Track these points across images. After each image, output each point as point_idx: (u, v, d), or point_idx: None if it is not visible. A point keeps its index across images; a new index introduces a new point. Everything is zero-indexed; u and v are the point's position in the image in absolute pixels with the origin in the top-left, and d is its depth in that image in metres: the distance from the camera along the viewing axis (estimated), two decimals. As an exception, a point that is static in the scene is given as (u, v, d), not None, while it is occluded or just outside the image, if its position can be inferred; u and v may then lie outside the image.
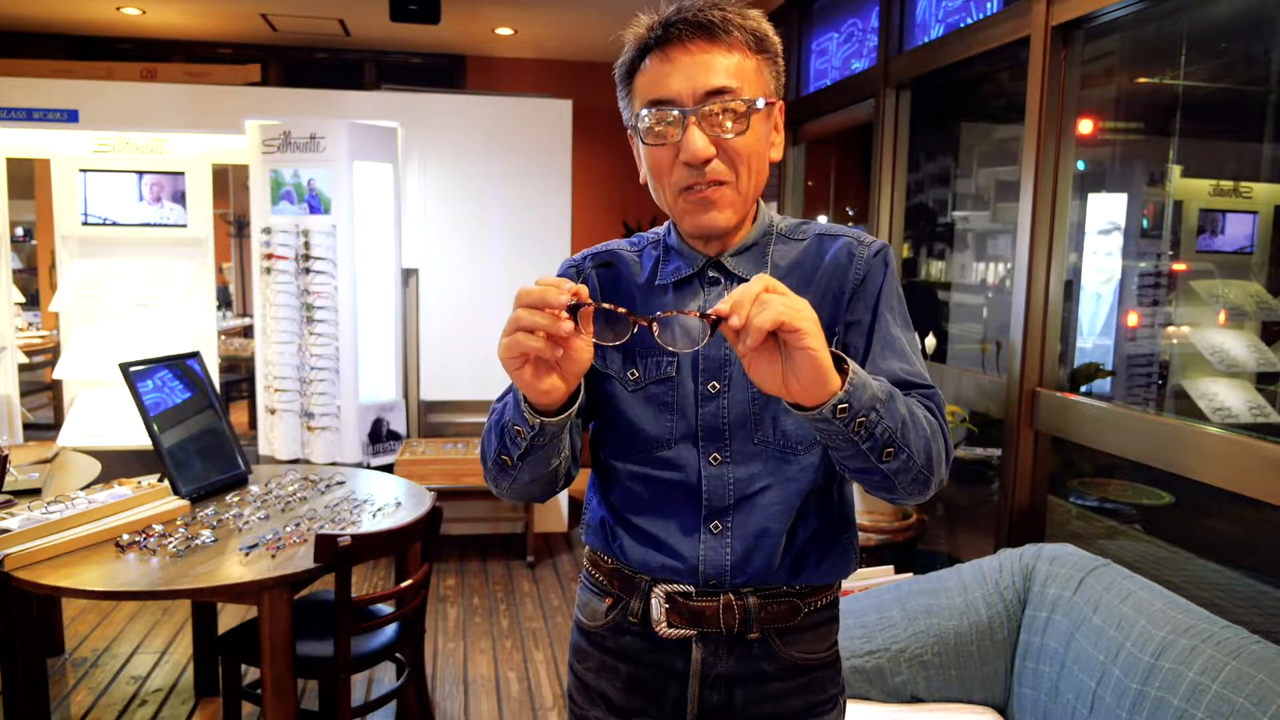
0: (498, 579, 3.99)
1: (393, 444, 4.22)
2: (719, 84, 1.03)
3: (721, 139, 1.04)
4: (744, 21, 1.06)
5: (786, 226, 1.18)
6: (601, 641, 1.19)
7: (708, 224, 1.08)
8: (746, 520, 1.10)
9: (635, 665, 1.16)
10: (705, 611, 1.11)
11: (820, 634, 1.17)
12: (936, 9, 3.22)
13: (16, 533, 2.02)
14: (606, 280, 1.18)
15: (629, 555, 1.14)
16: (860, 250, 1.13)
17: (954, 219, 3.96)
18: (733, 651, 1.12)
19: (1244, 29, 2.53)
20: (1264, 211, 2.78)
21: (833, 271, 1.13)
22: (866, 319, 1.11)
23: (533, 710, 2.89)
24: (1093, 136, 2.75)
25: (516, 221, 4.42)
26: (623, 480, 1.15)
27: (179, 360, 2.60)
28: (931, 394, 1.08)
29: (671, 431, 1.11)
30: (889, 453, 0.95)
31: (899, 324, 1.12)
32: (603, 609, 1.18)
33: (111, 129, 4.27)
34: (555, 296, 0.88)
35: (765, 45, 1.09)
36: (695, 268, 1.13)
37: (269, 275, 4.03)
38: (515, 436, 1.01)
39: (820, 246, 1.15)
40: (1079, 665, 1.75)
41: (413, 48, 6.46)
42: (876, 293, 1.12)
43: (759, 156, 1.08)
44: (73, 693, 2.91)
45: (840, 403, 0.89)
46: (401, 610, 2.31)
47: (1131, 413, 2.18)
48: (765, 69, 1.09)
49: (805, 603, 1.14)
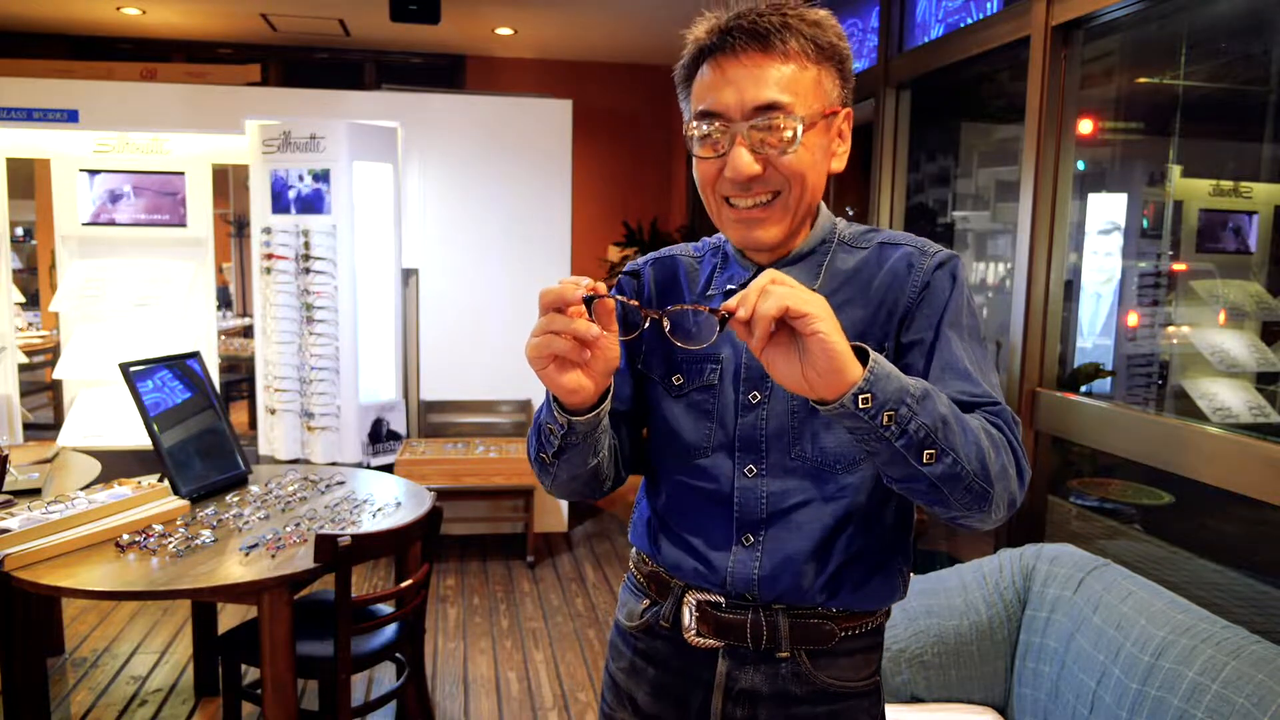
0: (498, 579, 3.99)
1: (393, 444, 4.22)
2: (769, 99, 0.99)
3: (770, 156, 1.00)
4: (806, 28, 1.00)
5: (851, 234, 1.13)
6: (634, 643, 1.19)
7: (751, 241, 1.06)
8: (779, 536, 1.07)
9: (663, 670, 1.15)
10: (734, 624, 1.09)
11: (858, 661, 1.12)
12: (936, 9, 3.22)
13: (16, 533, 2.02)
14: (664, 284, 1.17)
15: (665, 559, 1.14)
16: (921, 261, 1.07)
17: (954, 219, 3.96)
18: (760, 668, 1.10)
19: (1244, 29, 2.53)
20: (1264, 211, 2.78)
21: (889, 283, 1.07)
22: (928, 337, 1.05)
23: (533, 710, 2.89)
24: (1093, 136, 2.75)
25: (516, 221, 4.42)
26: (665, 485, 1.15)
27: (179, 360, 2.60)
28: (999, 410, 1.01)
29: (709, 439, 1.10)
30: (930, 455, 0.89)
31: (965, 342, 1.05)
32: (639, 610, 1.18)
33: (111, 129, 4.27)
34: (572, 292, 0.89)
35: (829, 53, 1.02)
36: (749, 276, 1.10)
37: (269, 275, 4.04)
38: (549, 435, 1.03)
39: (880, 256, 1.09)
40: (1079, 665, 1.75)
41: (413, 48, 6.46)
42: (941, 309, 1.05)
43: (812, 172, 1.03)
44: (73, 693, 2.91)
45: (861, 392, 0.85)
46: (401, 610, 2.31)
47: (1131, 413, 2.18)
48: (828, 78, 1.03)
49: (842, 627, 1.09)
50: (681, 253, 1.19)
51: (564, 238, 4.45)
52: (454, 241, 4.40)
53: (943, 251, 1.08)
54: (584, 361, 0.93)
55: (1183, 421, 2.03)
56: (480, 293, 4.43)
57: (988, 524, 0.98)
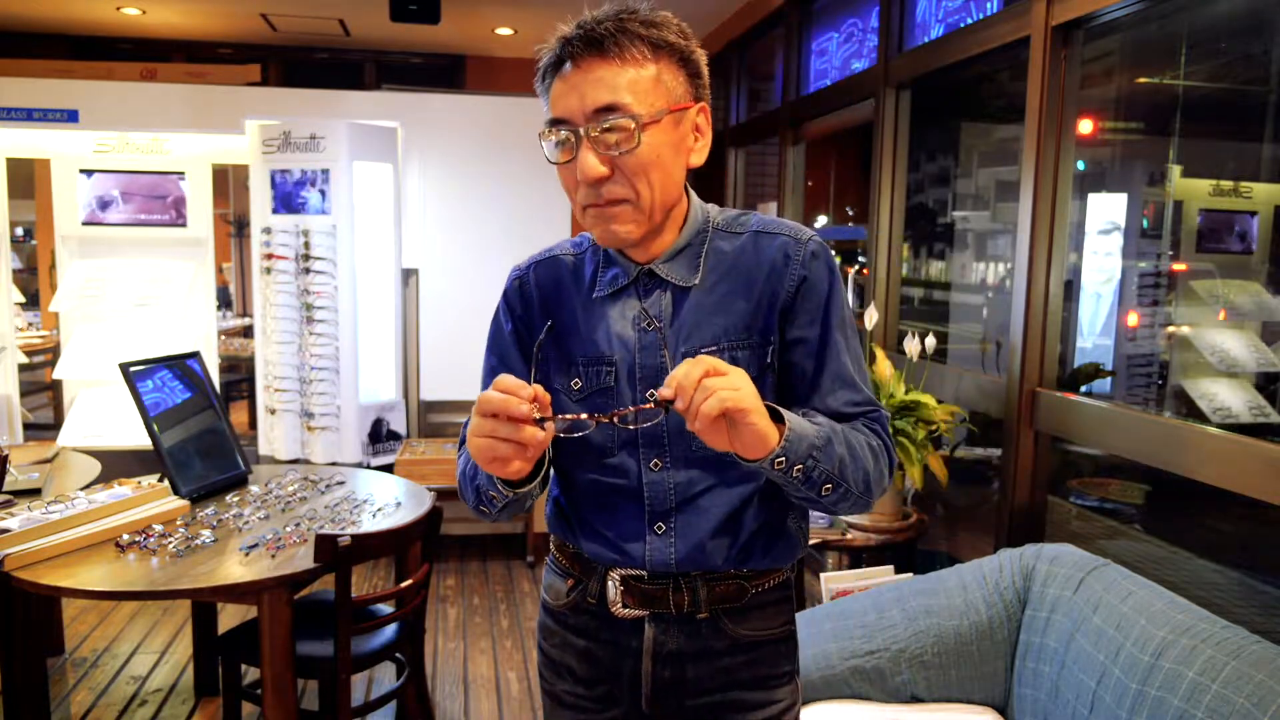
0: (498, 579, 3.99)
1: (393, 444, 4.22)
2: (606, 100, 1.02)
3: (614, 157, 1.04)
4: (641, 29, 1.04)
5: (724, 220, 1.18)
6: (564, 620, 1.24)
7: (610, 238, 1.10)
8: (690, 522, 1.14)
9: (593, 641, 1.21)
10: (656, 594, 1.15)
11: (769, 613, 1.20)
12: (936, 9, 3.22)
13: (16, 533, 2.02)
14: (549, 289, 1.20)
15: (585, 548, 1.20)
16: (797, 252, 1.13)
17: (954, 219, 3.96)
18: (683, 630, 1.17)
19: (1244, 29, 2.53)
20: (1264, 211, 2.78)
21: (769, 275, 1.12)
22: (813, 336, 1.12)
23: (532, 710, 2.89)
24: (1093, 136, 2.75)
25: (516, 221, 4.42)
26: (577, 482, 1.20)
27: (179, 360, 2.60)
28: (876, 415, 1.13)
29: (614, 439, 1.15)
30: (826, 489, 1.04)
31: (848, 341, 1.13)
32: (564, 589, 1.24)
33: (111, 129, 4.27)
34: (516, 408, 0.93)
35: (670, 50, 1.06)
36: (630, 276, 1.14)
37: (269, 275, 4.04)
38: (490, 500, 1.12)
39: (757, 245, 1.14)
40: (1079, 665, 1.75)
41: (413, 48, 6.46)
42: (823, 306, 1.12)
43: (660, 168, 1.06)
44: (73, 693, 2.91)
45: (777, 457, 0.97)
46: (401, 610, 2.31)
47: (1131, 413, 2.18)
48: (670, 75, 1.06)
49: (752, 585, 1.18)
50: (563, 252, 1.23)
51: (563, 238, 4.44)
52: (454, 241, 4.40)
53: (814, 239, 1.14)
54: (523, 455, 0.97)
55: (1183, 421, 2.03)
56: (480, 293, 4.43)
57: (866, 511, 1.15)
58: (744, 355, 1.11)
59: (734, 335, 1.12)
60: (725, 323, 1.12)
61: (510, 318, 1.23)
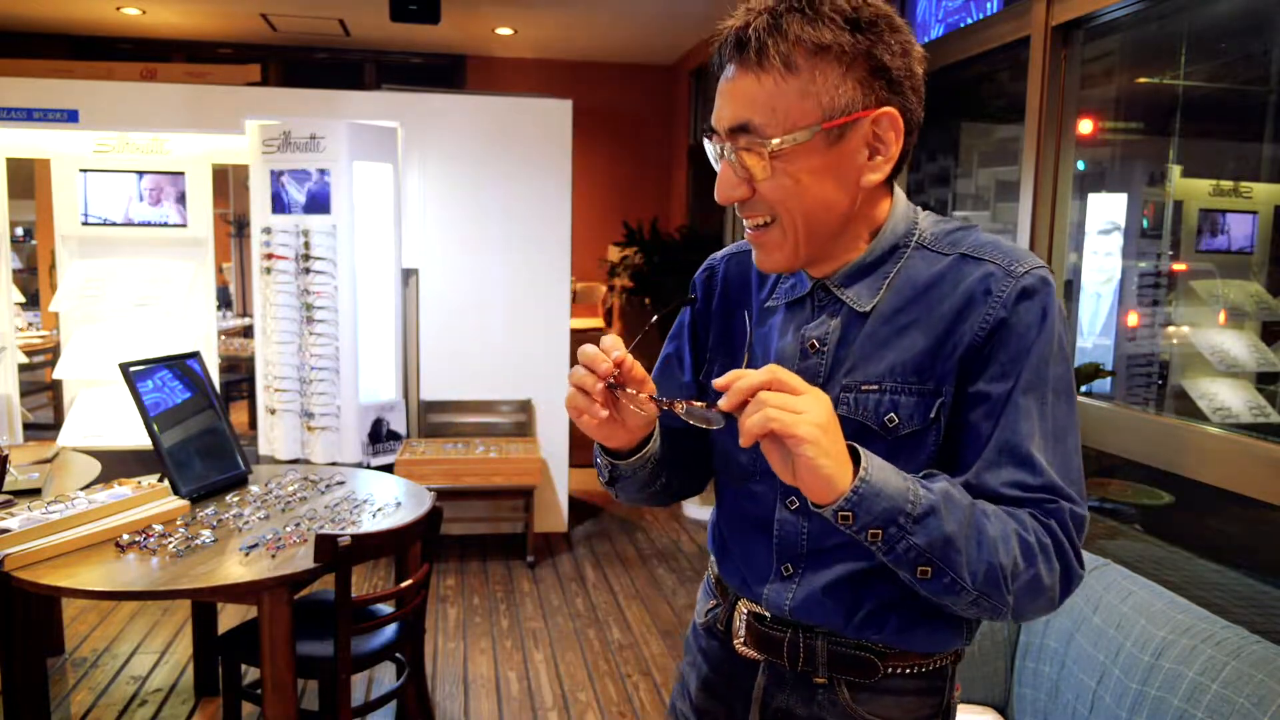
0: (498, 579, 3.99)
1: (393, 444, 4.22)
2: (738, 119, 0.90)
3: (750, 180, 0.93)
4: (798, 28, 0.88)
5: (933, 236, 0.99)
6: (699, 639, 1.20)
7: (759, 263, 1.00)
8: (818, 573, 1.03)
9: (714, 671, 1.16)
10: (774, 640, 1.07)
11: (907, 703, 1.04)
12: (936, 9, 3.22)
13: (16, 533, 2.02)
14: (736, 286, 1.13)
15: (722, 570, 1.15)
16: (1003, 288, 0.91)
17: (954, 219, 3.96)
18: (797, 689, 1.07)
19: (1244, 29, 2.53)
20: (1264, 211, 2.78)
21: (960, 309, 0.93)
22: (998, 393, 0.91)
23: (533, 710, 2.89)
24: (1093, 136, 2.75)
25: (516, 221, 4.42)
26: (724, 499, 1.15)
27: (179, 360, 2.60)
28: (1055, 510, 0.89)
29: (756, 464, 1.05)
30: (923, 571, 0.86)
31: (1043, 409, 0.91)
32: (706, 609, 1.19)
33: (111, 129, 4.27)
34: (599, 367, 0.89)
35: (831, 52, 0.88)
36: (806, 289, 1.02)
37: (269, 275, 4.04)
38: (600, 467, 1.08)
39: (959, 271, 0.94)
40: (1079, 665, 1.76)
41: (413, 48, 6.46)
42: (1021, 357, 0.90)
43: (806, 197, 0.92)
44: (73, 693, 2.91)
45: (841, 510, 0.83)
46: (401, 610, 2.31)
47: (1132, 413, 2.18)
48: (831, 80, 0.88)
49: (889, 663, 1.02)
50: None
51: (564, 238, 4.45)
52: (454, 241, 4.40)
53: (1033, 273, 0.91)
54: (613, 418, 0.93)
55: (1183, 421, 2.04)
56: (480, 293, 4.43)
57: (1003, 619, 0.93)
58: (907, 402, 0.94)
59: (901, 376, 0.95)
60: (896, 359, 0.95)
61: (691, 309, 1.16)
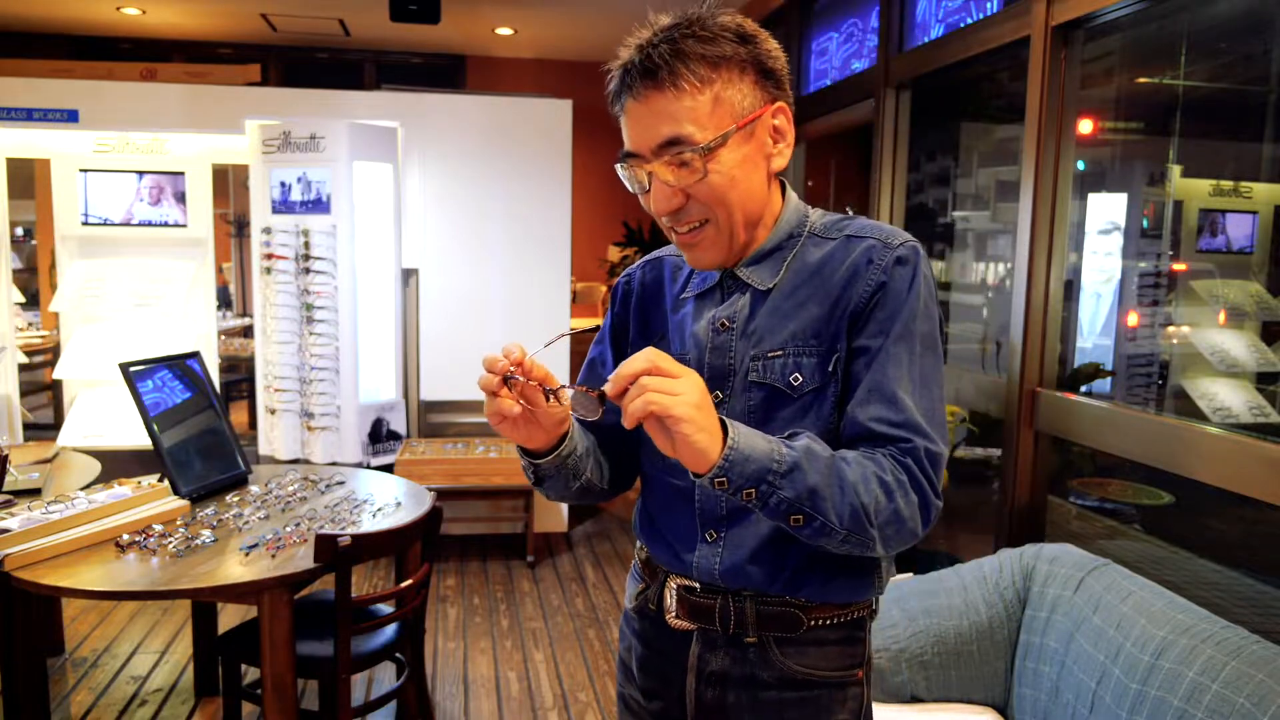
0: (498, 579, 3.99)
1: (393, 444, 4.22)
2: (666, 135, 1.00)
3: (685, 187, 1.03)
4: (698, 48, 0.99)
5: (823, 225, 1.12)
6: (632, 624, 1.25)
7: (695, 263, 1.12)
8: (740, 534, 1.10)
9: (651, 650, 1.21)
10: (705, 608, 1.13)
11: (830, 652, 1.12)
12: (936, 9, 3.22)
13: (16, 533, 2.02)
14: (650, 289, 1.23)
15: (651, 548, 1.21)
16: (882, 256, 1.04)
17: (954, 219, 3.96)
18: (730, 651, 1.13)
19: (1244, 29, 2.53)
20: (1264, 211, 2.78)
21: (848, 278, 1.05)
22: (875, 345, 1.03)
23: (533, 710, 2.89)
24: (1093, 136, 2.75)
25: (516, 221, 4.42)
26: (650, 481, 1.22)
27: (179, 360, 2.60)
28: (911, 447, 1.00)
29: None
30: (795, 519, 0.95)
31: (908, 357, 1.03)
32: (636, 593, 1.24)
33: (111, 129, 4.27)
34: (496, 366, 0.96)
35: (732, 63, 1.01)
36: (716, 278, 1.14)
37: (269, 275, 4.04)
38: (524, 468, 1.12)
39: (846, 249, 1.08)
40: (1079, 665, 1.75)
41: (413, 48, 6.46)
42: (895, 313, 1.03)
43: (737, 188, 1.04)
44: (73, 693, 2.91)
45: (716, 476, 0.92)
46: (401, 610, 2.31)
47: (1131, 413, 2.18)
48: (734, 88, 1.01)
49: (811, 616, 1.10)
50: (670, 253, 1.24)
51: (564, 238, 4.45)
52: (454, 241, 4.40)
53: (905, 245, 1.05)
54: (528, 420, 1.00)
55: (1183, 422, 2.03)
56: (480, 293, 4.43)
57: (875, 554, 1.03)
58: (809, 362, 1.06)
59: (802, 341, 1.06)
60: (796, 327, 1.07)
61: (612, 314, 1.27)
